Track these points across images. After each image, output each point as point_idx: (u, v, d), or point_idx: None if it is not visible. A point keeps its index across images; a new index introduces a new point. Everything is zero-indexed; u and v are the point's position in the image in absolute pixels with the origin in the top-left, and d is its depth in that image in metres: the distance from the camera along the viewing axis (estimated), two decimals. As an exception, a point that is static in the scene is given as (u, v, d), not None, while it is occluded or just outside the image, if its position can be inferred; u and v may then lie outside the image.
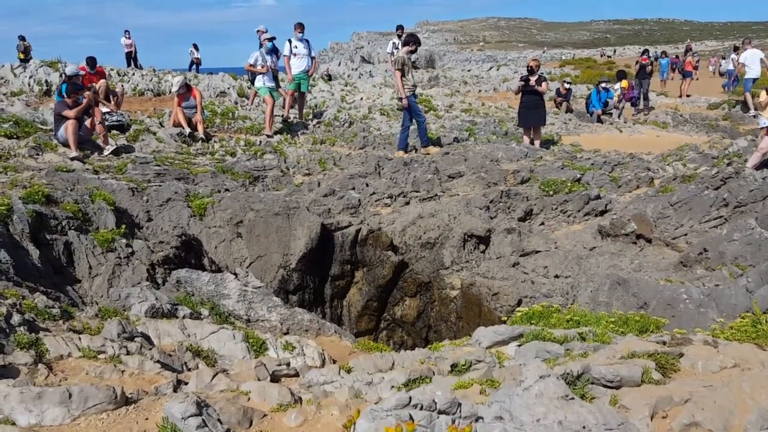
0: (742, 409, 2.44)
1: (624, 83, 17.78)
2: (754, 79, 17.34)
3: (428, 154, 10.79)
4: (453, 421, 1.83)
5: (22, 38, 19.34)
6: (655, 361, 2.94)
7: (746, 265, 5.59)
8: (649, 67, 19.10)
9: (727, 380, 2.67)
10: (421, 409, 1.82)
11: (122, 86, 13.58)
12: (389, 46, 15.94)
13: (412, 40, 10.73)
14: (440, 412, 1.86)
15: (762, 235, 5.81)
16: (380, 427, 1.61)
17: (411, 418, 1.74)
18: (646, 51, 21.40)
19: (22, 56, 18.32)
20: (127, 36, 23.79)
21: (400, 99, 10.78)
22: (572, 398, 2.03)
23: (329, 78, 25.42)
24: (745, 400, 2.47)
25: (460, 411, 1.89)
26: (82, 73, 11.84)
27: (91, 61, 12.70)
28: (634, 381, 2.72)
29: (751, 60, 17.07)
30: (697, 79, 24.20)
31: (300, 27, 12.93)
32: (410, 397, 1.83)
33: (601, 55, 58.29)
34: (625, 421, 2.04)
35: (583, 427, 1.88)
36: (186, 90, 11.52)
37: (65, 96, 9.50)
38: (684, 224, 7.15)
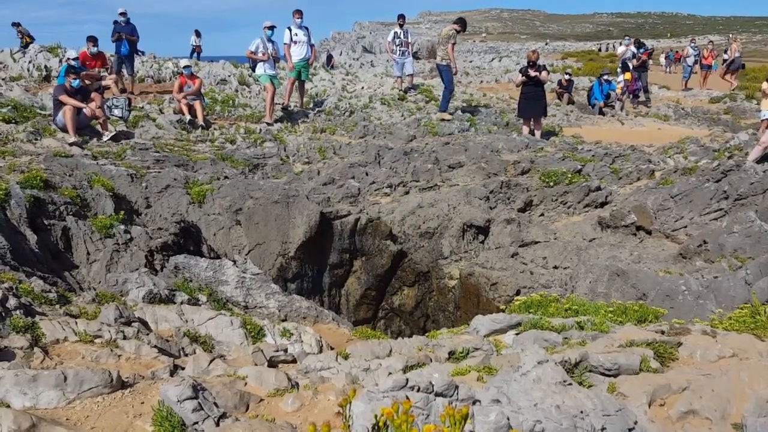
0: (740, 398, 2.43)
1: (627, 75, 17.71)
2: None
3: (443, 120, 13.03)
4: (450, 403, 1.82)
5: (17, 24, 18.86)
6: (654, 350, 2.93)
7: (746, 258, 5.58)
8: (650, 61, 19.10)
9: (726, 369, 2.65)
10: (418, 391, 1.81)
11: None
12: (390, 35, 15.82)
13: (462, 23, 13.29)
14: (437, 395, 1.85)
15: (762, 228, 5.79)
16: (376, 409, 1.60)
17: (408, 399, 1.72)
18: (642, 45, 21.10)
19: (28, 40, 17.99)
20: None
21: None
22: (570, 384, 2.02)
23: (331, 58, 25.19)
24: (743, 389, 2.46)
25: (457, 393, 1.88)
26: (75, 55, 11.70)
27: (94, 39, 12.54)
28: (633, 369, 2.70)
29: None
30: (696, 72, 24.01)
31: (298, 13, 12.80)
32: (407, 379, 1.82)
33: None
34: (623, 407, 2.03)
35: (581, 412, 1.87)
36: (189, 75, 11.59)
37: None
38: (684, 216, 7.12)
